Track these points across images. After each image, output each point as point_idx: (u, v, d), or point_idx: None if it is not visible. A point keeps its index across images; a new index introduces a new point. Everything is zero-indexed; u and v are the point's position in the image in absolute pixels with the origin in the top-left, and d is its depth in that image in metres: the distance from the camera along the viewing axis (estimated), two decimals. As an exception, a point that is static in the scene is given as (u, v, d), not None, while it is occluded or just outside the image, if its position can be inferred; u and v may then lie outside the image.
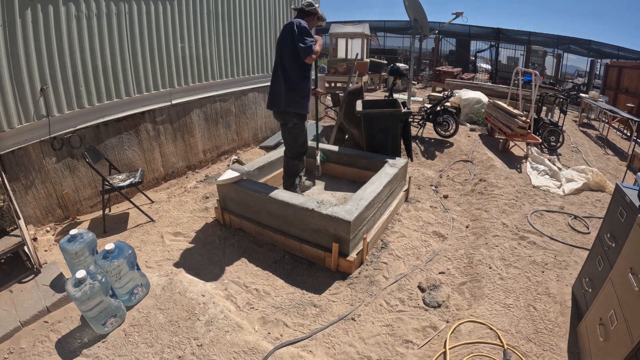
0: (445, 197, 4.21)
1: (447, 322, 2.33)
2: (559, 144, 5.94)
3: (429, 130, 6.58)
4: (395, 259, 2.96)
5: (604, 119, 8.22)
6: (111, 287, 2.14)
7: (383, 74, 12.49)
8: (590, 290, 2.17)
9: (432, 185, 4.52)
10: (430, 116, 6.33)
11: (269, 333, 2.22)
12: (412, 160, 5.16)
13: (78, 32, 3.27)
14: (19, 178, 3.08)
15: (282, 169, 4.09)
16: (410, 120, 5.04)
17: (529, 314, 2.33)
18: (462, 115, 7.53)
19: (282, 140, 3.52)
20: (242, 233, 3.32)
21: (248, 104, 5.64)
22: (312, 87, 3.31)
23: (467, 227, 3.55)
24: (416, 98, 10.22)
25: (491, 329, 2.20)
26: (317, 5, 3.14)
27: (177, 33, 4.26)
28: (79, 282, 1.92)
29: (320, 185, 4.19)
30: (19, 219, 2.53)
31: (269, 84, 3.31)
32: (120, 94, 3.76)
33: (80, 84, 3.37)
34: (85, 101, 3.44)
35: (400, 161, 3.82)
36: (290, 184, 3.57)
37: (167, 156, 4.51)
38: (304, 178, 3.94)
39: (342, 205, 2.85)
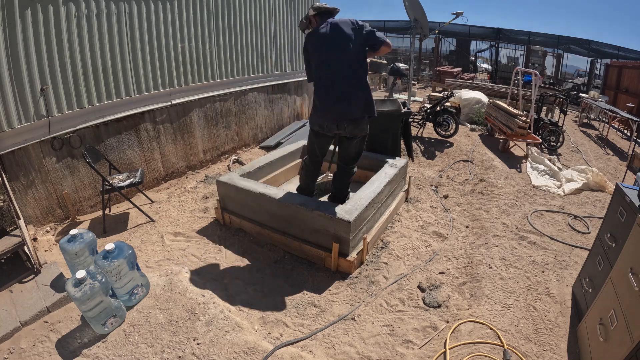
0: (445, 197, 4.21)
1: (447, 322, 2.33)
2: (559, 144, 5.94)
3: (429, 130, 6.58)
4: (395, 259, 2.96)
5: (604, 119, 8.22)
6: (111, 287, 2.14)
7: (383, 74, 12.48)
8: (590, 290, 2.17)
9: (432, 185, 4.52)
10: (430, 116, 6.33)
11: (269, 333, 2.22)
12: (412, 160, 5.16)
13: (78, 32, 3.27)
14: (19, 178, 3.08)
15: (281, 169, 4.10)
16: (410, 120, 5.04)
17: (529, 314, 2.33)
18: (462, 115, 7.53)
19: (350, 155, 3.04)
20: (242, 233, 3.32)
21: (248, 104, 5.64)
22: None
23: (467, 227, 3.55)
24: (416, 98, 10.23)
25: (491, 329, 2.20)
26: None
27: (177, 33, 4.26)
28: (79, 282, 1.92)
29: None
30: (19, 219, 2.53)
31: (269, 84, 3.14)
32: (120, 94, 3.76)
33: (80, 84, 3.36)
34: (85, 101, 3.44)
35: (401, 161, 3.81)
36: (347, 194, 3.28)
37: (167, 156, 4.51)
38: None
39: (342, 205, 2.85)
